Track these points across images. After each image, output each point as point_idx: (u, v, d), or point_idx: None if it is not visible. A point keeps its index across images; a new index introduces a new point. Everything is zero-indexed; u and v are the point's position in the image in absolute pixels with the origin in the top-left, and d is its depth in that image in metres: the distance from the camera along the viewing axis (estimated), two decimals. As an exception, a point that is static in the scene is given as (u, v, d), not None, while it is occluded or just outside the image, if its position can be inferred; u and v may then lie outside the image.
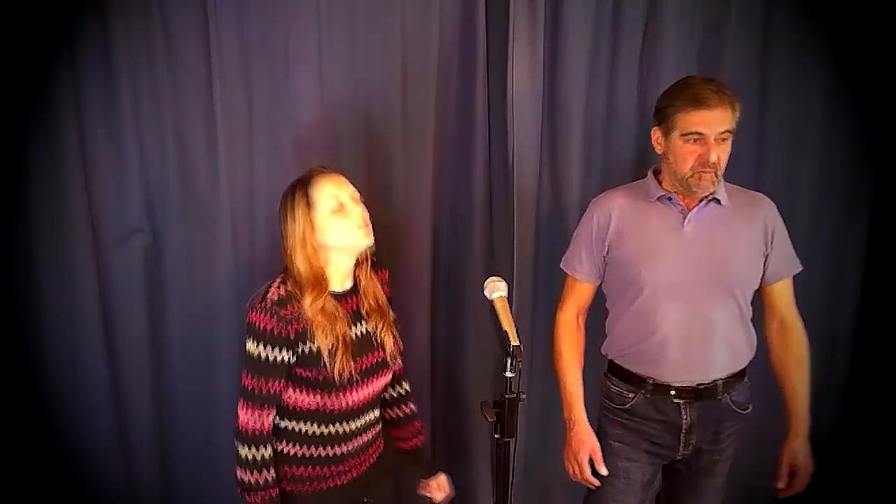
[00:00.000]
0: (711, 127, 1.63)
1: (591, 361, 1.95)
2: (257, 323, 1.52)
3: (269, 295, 1.54)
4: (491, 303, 1.53)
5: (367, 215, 1.63)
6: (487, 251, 2.27)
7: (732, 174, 2.37)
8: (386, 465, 1.82)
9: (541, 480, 2.47)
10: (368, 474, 1.72)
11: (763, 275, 1.80)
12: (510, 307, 1.51)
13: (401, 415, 1.83)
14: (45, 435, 1.93)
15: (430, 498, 1.89)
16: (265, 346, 1.52)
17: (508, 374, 1.41)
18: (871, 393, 2.63)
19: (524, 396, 1.44)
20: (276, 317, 1.51)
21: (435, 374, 2.28)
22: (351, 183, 1.64)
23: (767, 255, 1.79)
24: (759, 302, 1.86)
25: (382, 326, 1.67)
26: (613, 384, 1.87)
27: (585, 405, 1.87)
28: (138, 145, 1.88)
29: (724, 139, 1.66)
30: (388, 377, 1.71)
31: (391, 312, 1.72)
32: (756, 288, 1.81)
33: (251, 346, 1.53)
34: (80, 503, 1.99)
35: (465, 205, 2.20)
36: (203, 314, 1.99)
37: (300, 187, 1.59)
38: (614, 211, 1.80)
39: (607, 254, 1.81)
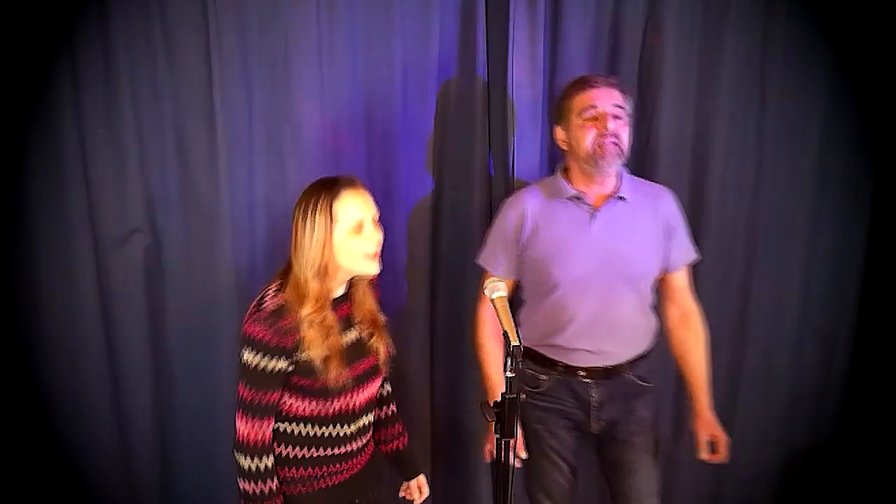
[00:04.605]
0: (603, 100, 1.76)
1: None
2: (255, 334, 1.48)
3: (266, 305, 1.50)
4: (491, 303, 1.53)
5: (381, 241, 1.57)
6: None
7: (733, 174, 2.39)
8: (378, 467, 1.81)
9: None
10: (361, 475, 1.71)
11: (663, 265, 1.91)
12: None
13: (382, 416, 1.82)
14: (45, 435, 1.93)
15: (411, 500, 1.89)
16: (263, 357, 1.49)
17: (508, 374, 1.41)
18: (871, 393, 2.63)
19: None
20: (273, 327, 1.48)
21: (435, 374, 2.28)
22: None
23: (667, 247, 1.90)
24: (659, 288, 1.97)
25: (376, 335, 1.66)
26: (527, 367, 1.96)
27: None
28: (138, 145, 1.88)
29: (618, 116, 1.78)
30: (381, 379, 1.71)
31: (382, 317, 1.70)
32: (656, 277, 1.93)
33: (249, 356, 1.49)
34: (80, 503, 1.99)
35: (465, 205, 2.20)
36: (203, 314, 1.99)
37: (326, 196, 1.49)
38: (527, 212, 1.88)
39: (522, 253, 1.89)
